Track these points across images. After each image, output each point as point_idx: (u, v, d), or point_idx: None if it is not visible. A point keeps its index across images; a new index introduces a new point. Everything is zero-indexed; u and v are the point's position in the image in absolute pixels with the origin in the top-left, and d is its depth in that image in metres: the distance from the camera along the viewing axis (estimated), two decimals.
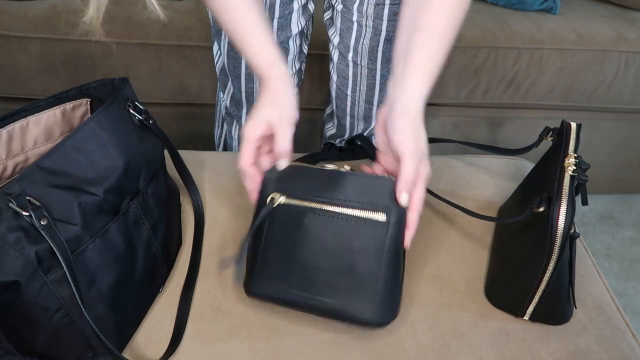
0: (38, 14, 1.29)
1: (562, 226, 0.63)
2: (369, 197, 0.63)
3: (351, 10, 0.88)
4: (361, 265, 0.63)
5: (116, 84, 0.68)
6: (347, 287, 0.63)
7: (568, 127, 0.72)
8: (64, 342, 0.59)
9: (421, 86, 0.66)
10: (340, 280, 0.64)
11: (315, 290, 0.64)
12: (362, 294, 0.63)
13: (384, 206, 0.63)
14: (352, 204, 0.63)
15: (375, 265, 0.63)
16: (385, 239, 0.63)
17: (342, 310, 0.64)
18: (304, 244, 0.65)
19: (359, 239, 0.63)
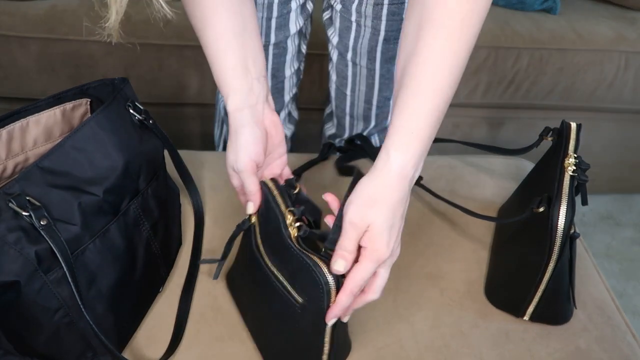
0: (38, 14, 1.29)
1: (562, 226, 0.63)
2: (301, 279, 0.59)
3: (350, 10, 0.88)
4: (285, 334, 0.63)
5: (116, 84, 0.68)
6: (276, 349, 0.64)
7: (568, 127, 0.72)
8: (64, 342, 0.59)
9: (402, 151, 0.56)
10: (272, 341, 0.65)
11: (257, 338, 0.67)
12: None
13: (305, 291, 0.58)
14: (284, 278, 0.61)
15: (292, 338, 0.62)
16: (295, 317, 0.60)
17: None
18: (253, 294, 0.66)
19: (280, 310, 0.62)
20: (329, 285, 0.56)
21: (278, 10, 0.87)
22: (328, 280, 0.55)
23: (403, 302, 0.72)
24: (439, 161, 0.93)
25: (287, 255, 0.59)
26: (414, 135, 0.57)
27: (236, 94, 0.65)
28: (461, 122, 1.48)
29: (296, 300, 0.59)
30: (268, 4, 0.85)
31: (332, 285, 0.56)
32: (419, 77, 0.57)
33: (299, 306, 0.59)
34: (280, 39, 0.91)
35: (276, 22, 0.88)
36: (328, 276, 0.56)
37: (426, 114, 0.57)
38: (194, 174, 0.80)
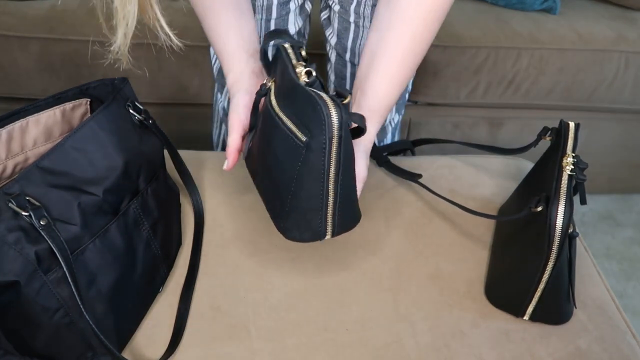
0: (38, 14, 1.29)
1: (560, 225, 0.63)
2: (306, 117, 0.60)
3: (348, 11, 0.88)
4: (280, 180, 0.64)
5: (116, 84, 0.68)
6: (273, 199, 0.66)
7: (566, 127, 0.72)
8: (64, 342, 0.59)
9: (374, 122, 0.72)
10: (280, 197, 0.65)
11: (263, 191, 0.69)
12: (278, 209, 0.65)
13: (308, 128, 0.59)
14: (289, 119, 0.62)
15: (286, 183, 0.63)
16: (299, 160, 0.60)
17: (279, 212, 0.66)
18: (265, 149, 0.67)
19: (286, 154, 0.62)
20: (331, 120, 0.57)
21: (277, 12, 0.87)
22: (331, 112, 0.57)
23: (403, 301, 0.72)
24: (439, 161, 0.93)
25: (295, 95, 0.61)
26: (382, 113, 0.73)
27: (235, 70, 0.75)
28: (461, 122, 1.48)
29: (300, 139, 0.59)
30: (267, 6, 0.86)
31: (335, 120, 0.57)
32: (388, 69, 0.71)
33: (302, 146, 0.59)
34: (279, 40, 0.91)
35: (275, 24, 0.88)
36: (332, 109, 0.57)
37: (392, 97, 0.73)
38: (194, 174, 0.80)
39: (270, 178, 0.66)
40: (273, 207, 0.67)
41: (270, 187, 0.67)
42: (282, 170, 0.63)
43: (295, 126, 0.61)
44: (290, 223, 0.65)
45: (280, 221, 0.66)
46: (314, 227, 0.64)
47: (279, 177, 0.64)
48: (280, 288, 0.73)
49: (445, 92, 1.41)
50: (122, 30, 0.55)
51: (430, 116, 1.46)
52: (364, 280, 0.75)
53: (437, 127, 1.48)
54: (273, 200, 0.67)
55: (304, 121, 0.60)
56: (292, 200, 0.63)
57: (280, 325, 0.69)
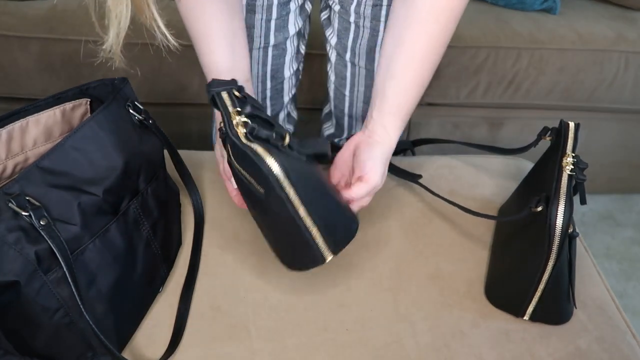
0: (38, 14, 1.29)
1: (560, 225, 0.63)
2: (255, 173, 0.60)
3: (348, 11, 0.88)
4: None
5: (116, 84, 0.69)
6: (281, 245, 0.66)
7: (566, 127, 0.72)
8: (64, 342, 0.59)
9: (396, 128, 0.72)
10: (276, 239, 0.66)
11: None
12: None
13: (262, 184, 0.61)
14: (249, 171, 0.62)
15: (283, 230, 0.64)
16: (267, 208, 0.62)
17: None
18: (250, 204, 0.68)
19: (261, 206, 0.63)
20: (273, 174, 0.57)
21: (277, 12, 0.87)
22: (271, 166, 0.57)
23: (403, 301, 0.72)
24: (439, 161, 0.93)
25: (239, 152, 0.60)
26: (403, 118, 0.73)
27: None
28: (461, 122, 1.48)
29: (259, 192, 0.60)
30: (267, 6, 0.85)
31: (278, 171, 0.57)
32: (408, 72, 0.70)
33: (263, 197, 0.60)
34: (279, 41, 0.91)
35: (275, 24, 0.88)
36: (270, 162, 0.57)
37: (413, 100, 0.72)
38: (194, 174, 0.80)
39: (264, 226, 0.69)
40: (272, 245, 0.69)
41: (264, 230, 0.69)
42: (261, 216, 0.66)
43: (253, 179, 0.61)
44: (289, 259, 0.67)
45: (281, 258, 0.68)
46: (311, 257, 0.64)
47: (263, 222, 0.67)
48: (280, 288, 0.73)
49: (445, 92, 1.41)
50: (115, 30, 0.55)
51: (430, 116, 1.46)
52: (364, 280, 0.75)
53: (437, 127, 1.48)
54: (269, 240, 0.69)
55: (254, 176, 0.61)
56: (280, 240, 0.66)
57: (280, 325, 0.69)
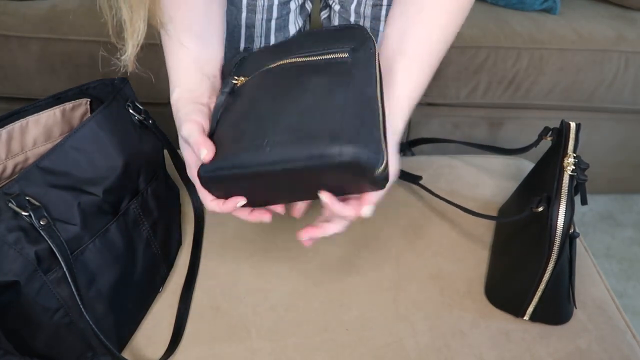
0: (38, 14, 1.29)
1: (561, 226, 0.63)
2: (331, 44, 0.56)
3: (348, 10, 0.88)
4: (322, 100, 0.51)
5: (116, 84, 0.69)
6: (309, 127, 0.49)
7: (567, 127, 0.72)
8: (64, 342, 0.59)
9: (405, 111, 0.66)
10: (301, 122, 0.50)
11: (272, 140, 0.49)
12: (324, 128, 0.49)
13: (346, 46, 0.55)
14: (313, 53, 0.56)
15: (341, 97, 0.51)
16: (349, 72, 0.52)
17: (307, 153, 0.48)
18: (256, 105, 0.54)
19: (318, 78, 0.53)
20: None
21: (278, 12, 0.87)
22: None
23: (403, 301, 0.72)
24: (439, 161, 0.93)
25: (311, 38, 0.58)
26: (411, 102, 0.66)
27: (183, 86, 0.66)
28: (461, 122, 1.48)
29: (341, 57, 0.54)
30: (268, 6, 0.85)
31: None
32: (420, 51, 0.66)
33: (348, 58, 0.53)
34: (279, 41, 0.91)
35: (276, 24, 0.88)
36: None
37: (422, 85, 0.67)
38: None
39: (297, 124, 0.51)
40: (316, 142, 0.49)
41: (299, 130, 0.50)
42: (315, 95, 0.52)
43: (325, 55, 0.54)
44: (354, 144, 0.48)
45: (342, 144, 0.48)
46: (376, 138, 0.50)
47: (313, 106, 0.51)
48: (280, 288, 0.73)
49: (445, 92, 1.41)
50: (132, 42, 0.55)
51: (430, 116, 1.46)
52: (364, 280, 0.75)
53: (437, 127, 1.48)
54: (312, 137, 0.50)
55: (334, 44, 0.55)
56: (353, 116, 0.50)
57: (280, 325, 0.69)
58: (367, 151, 0.48)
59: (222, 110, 0.57)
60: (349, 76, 0.52)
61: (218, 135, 0.55)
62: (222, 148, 0.53)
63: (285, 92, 0.52)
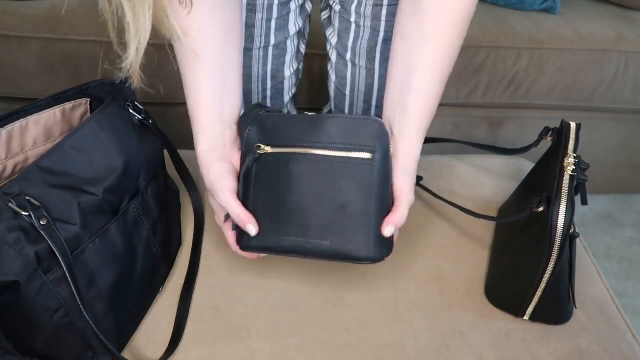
0: (38, 14, 1.29)
1: (561, 226, 0.63)
2: (354, 138, 0.64)
3: (349, 10, 0.88)
4: (352, 204, 0.63)
5: (116, 84, 0.68)
6: (340, 227, 0.63)
7: (567, 127, 0.72)
8: (64, 342, 0.59)
9: (419, 140, 0.70)
10: (333, 221, 0.63)
11: (310, 234, 0.63)
12: (356, 231, 0.63)
13: (369, 145, 0.64)
14: (338, 146, 0.64)
15: (366, 202, 0.63)
16: (373, 176, 0.64)
17: (338, 251, 0.63)
18: (293, 190, 0.64)
19: (347, 179, 0.64)
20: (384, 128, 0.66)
21: (278, 12, 0.87)
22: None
23: (403, 302, 0.72)
24: (439, 161, 0.93)
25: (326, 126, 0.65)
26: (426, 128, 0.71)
27: (207, 135, 0.69)
28: (461, 122, 1.48)
29: (363, 159, 0.63)
30: (268, 6, 0.85)
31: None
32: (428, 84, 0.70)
33: (371, 161, 0.63)
34: (280, 40, 0.91)
35: (276, 24, 0.88)
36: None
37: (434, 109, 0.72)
38: (194, 174, 0.80)
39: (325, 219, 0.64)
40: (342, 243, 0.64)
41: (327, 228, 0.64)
42: (350, 198, 0.64)
43: (348, 152, 0.64)
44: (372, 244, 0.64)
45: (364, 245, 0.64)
46: (390, 241, 0.66)
47: (345, 207, 0.64)
48: (280, 288, 0.73)
49: (445, 92, 1.40)
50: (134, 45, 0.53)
51: None
52: (363, 280, 0.75)
53: (437, 127, 1.48)
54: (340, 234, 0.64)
55: (355, 142, 0.64)
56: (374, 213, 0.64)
57: (280, 326, 0.69)
58: (386, 251, 0.65)
59: (253, 179, 0.67)
60: (371, 183, 0.64)
61: (257, 209, 0.66)
62: (264, 226, 0.65)
63: (318, 191, 0.64)
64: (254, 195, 0.66)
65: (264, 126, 0.67)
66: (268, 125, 0.67)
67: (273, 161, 0.66)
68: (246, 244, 0.66)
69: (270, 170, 0.66)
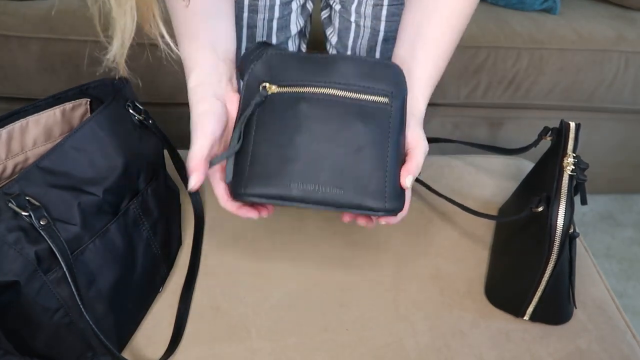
0: (38, 14, 1.29)
1: (561, 226, 0.63)
2: (371, 81, 0.60)
3: (349, 10, 0.88)
4: (368, 149, 0.58)
5: (116, 84, 0.69)
6: (355, 173, 0.57)
7: (567, 127, 0.72)
8: (64, 342, 0.59)
9: (426, 92, 0.68)
10: (347, 166, 0.57)
11: (321, 179, 0.56)
12: (372, 179, 0.57)
13: (387, 90, 0.60)
14: (353, 87, 0.59)
15: (382, 147, 0.58)
16: (390, 121, 0.59)
17: (351, 201, 0.57)
18: (302, 131, 0.58)
19: (363, 122, 0.58)
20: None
21: (279, 12, 0.87)
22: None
23: (403, 301, 0.72)
24: (439, 161, 0.93)
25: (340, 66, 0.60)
26: (433, 84, 0.69)
27: (200, 70, 0.64)
28: (461, 122, 1.48)
29: (382, 102, 0.59)
30: (270, 6, 0.85)
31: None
32: (440, 34, 0.68)
33: (389, 105, 0.60)
34: (281, 40, 0.91)
35: (277, 24, 0.88)
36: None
37: (443, 66, 0.70)
38: None
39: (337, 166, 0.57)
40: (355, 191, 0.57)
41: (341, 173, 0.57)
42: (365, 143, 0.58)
43: (365, 94, 0.59)
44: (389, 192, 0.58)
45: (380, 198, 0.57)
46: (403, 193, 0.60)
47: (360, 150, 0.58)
48: (280, 288, 0.73)
49: (445, 92, 1.41)
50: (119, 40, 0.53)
51: (430, 116, 1.46)
52: (364, 280, 0.75)
53: (437, 127, 1.48)
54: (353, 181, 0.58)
55: (373, 86, 0.59)
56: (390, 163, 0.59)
57: (280, 325, 0.69)
58: (399, 204, 0.58)
59: (255, 122, 0.59)
60: (389, 128, 0.59)
61: (259, 151, 0.58)
62: (268, 170, 0.57)
63: (331, 132, 0.58)
64: (255, 137, 0.59)
65: (270, 63, 0.61)
66: (275, 63, 0.61)
67: (280, 101, 0.59)
68: (245, 191, 0.57)
69: (277, 111, 0.59)
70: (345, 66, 0.60)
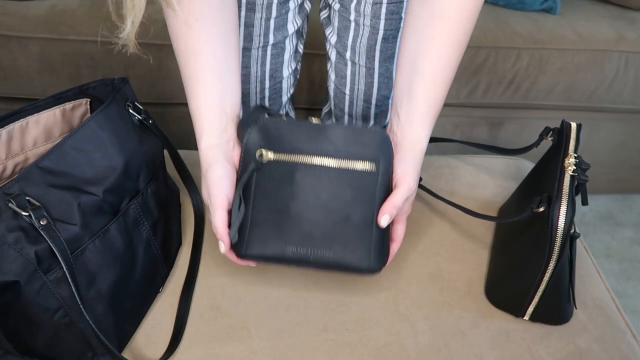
0: (38, 14, 1.29)
1: (562, 226, 0.63)
2: (358, 148, 0.65)
3: (348, 9, 0.88)
4: (355, 215, 0.64)
5: (116, 84, 0.69)
6: (343, 238, 0.63)
7: (568, 127, 0.72)
8: (64, 342, 0.59)
9: (425, 128, 0.70)
10: (336, 231, 0.63)
11: (313, 243, 0.63)
12: (358, 243, 0.63)
13: (373, 156, 0.65)
14: (342, 155, 0.65)
15: (368, 213, 0.64)
16: (376, 187, 0.65)
17: (339, 262, 0.63)
18: (296, 199, 0.64)
19: (351, 190, 0.64)
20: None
21: (277, 11, 0.87)
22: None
23: (403, 301, 0.72)
24: (439, 161, 0.93)
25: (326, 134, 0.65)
26: (434, 116, 0.70)
27: (211, 132, 0.68)
28: (461, 122, 1.48)
29: (367, 170, 0.64)
30: (267, 5, 0.85)
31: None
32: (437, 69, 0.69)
33: (375, 173, 0.64)
34: (278, 39, 0.91)
35: (275, 23, 0.88)
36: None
37: (443, 98, 0.70)
38: (194, 174, 0.80)
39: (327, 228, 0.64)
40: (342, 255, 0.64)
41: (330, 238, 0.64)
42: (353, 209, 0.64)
43: (353, 161, 0.64)
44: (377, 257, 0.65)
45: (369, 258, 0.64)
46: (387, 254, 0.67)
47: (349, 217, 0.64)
48: (280, 288, 0.73)
49: None
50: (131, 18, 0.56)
51: None
52: (364, 280, 0.75)
53: (437, 127, 1.48)
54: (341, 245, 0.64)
55: (359, 152, 0.64)
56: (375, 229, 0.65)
57: (280, 325, 0.69)
58: (382, 262, 0.65)
59: (254, 186, 0.65)
60: (375, 192, 0.65)
61: (258, 216, 0.64)
62: (266, 233, 0.64)
63: (322, 202, 0.64)
64: (255, 201, 0.65)
65: (265, 130, 0.67)
66: (270, 130, 0.67)
67: (277, 169, 0.65)
68: (246, 252, 0.64)
69: (274, 179, 0.65)
70: (334, 134, 0.65)
